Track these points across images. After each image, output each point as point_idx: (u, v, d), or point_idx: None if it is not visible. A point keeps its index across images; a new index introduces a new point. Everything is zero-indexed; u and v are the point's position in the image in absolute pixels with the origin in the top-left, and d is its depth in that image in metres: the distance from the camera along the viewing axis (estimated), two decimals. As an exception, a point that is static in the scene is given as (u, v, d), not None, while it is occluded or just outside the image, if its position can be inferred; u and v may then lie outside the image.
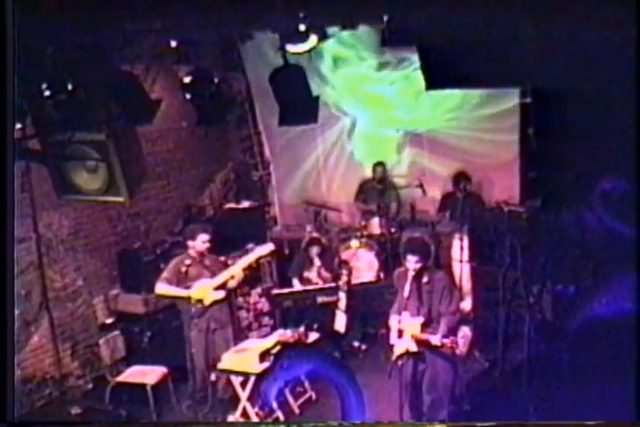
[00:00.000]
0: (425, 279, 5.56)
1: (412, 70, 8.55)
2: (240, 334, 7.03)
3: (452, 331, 5.53)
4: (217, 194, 9.28)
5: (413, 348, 5.46)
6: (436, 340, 5.37)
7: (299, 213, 9.38)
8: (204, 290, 6.20)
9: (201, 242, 6.33)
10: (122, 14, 4.38)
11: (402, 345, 5.49)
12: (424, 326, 5.47)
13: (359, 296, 7.67)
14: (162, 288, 6.31)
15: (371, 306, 7.65)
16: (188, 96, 6.00)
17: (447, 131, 8.69)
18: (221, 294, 6.26)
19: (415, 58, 8.23)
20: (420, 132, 8.90)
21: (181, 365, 6.52)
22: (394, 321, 5.60)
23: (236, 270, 6.28)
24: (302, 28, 4.92)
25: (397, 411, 5.70)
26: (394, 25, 5.13)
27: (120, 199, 6.34)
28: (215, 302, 6.27)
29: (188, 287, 6.22)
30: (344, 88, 9.11)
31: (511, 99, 8.09)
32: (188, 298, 6.17)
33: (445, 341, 5.36)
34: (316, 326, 6.92)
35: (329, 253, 8.03)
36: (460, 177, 8.39)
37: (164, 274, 6.33)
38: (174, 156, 8.54)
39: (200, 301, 6.19)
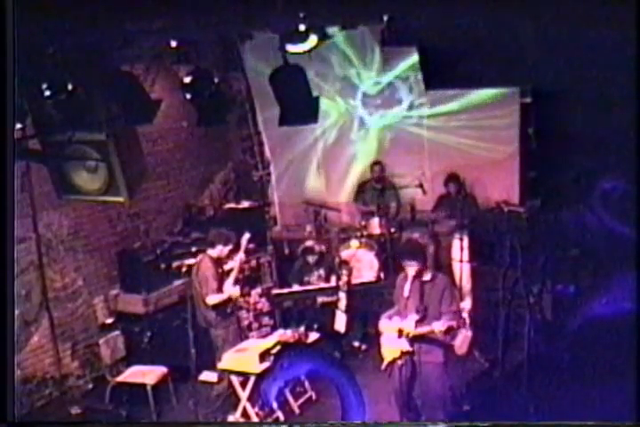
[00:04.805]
0: (425, 279, 5.54)
1: (411, 70, 8.56)
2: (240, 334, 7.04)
3: (454, 323, 5.45)
4: (217, 194, 9.28)
5: (415, 347, 5.45)
6: (439, 326, 5.28)
7: (299, 213, 9.37)
8: (233, 289, 6.63)
9: (227, 249, 6.67)
10: (122, 14, 4.38)
11: (402, 345, 5.48)
12: (424, 325, 5.45)
13: (359, 296, 7.66)
14: (213, 299, 6.54)
15: (371, 306, 7.65)
16: (188, 96, 6.00)
17: (448, 130, 8.69)
18: (237, 288, 6.69)
19: (415, 58, 8.25)
20: (421, 131, 8.90)
21: (181, 365, 6.53)
22: (394, 322, 5.58)
23: (237, 265, 6.72)
24: (302, 28, 4.92)
25: (397, 411, 5.72)
26: (394, 25, 5.14)
27: (120, 199, 6.33)
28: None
29: (219, 288, 6.58)
30: (344, 88, 9.11)
31: (511, 99, 8.09)
32: (230, 298, 6.64)
33: (451, 323, 5.28)
34: (316, 326, 6.93)
35: (327, 259, 8.01)
36: (451, 179, 8.41)
37: (206, 287, 6.53)
38: (174, 156, 8.54)
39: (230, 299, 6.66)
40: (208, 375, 6.87)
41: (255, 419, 6.15)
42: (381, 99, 9.02)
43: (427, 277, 5.54)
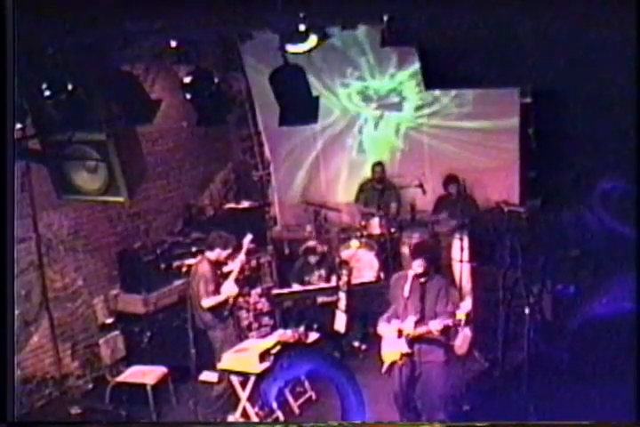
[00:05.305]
0: (423, 281, 5.53)
1: (411, 70, 8.56)
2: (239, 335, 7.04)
3: (450, 322, 5.44)
4: (217, 194, 9.29)
5: (414, 347, 5.45)
6: (436, 325, 5.30)
7: (299, 213, 9.38)
8: (231, 290, 6.61)
9: (226, 252, 6.66)
10: (122, 14, 4.38)
11: (401, 347, 5.48)
12: (422, 326, 5.44)
13: (359, 296, 7.66)
14: (208, 302, 6.54)
15: (371, 306, 7.64)
16: (188, 96, 5.98)
17: (447, 131, 8.69)
18: (236, 289, 6.67)
19: (415, 58, 8.24)
20: (421, 131, 8.90)
21: (181, 365, 6.53)
22: (393, 324, 5.57)
23: (238, 267, 6.69)
24: (302, 28, 4.90)
25: (397, 411, 5.71)
26: (394, 25, 5.13)
27: (120, 199, 6.33)
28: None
29: (215, 290, 6.57)
30: (344, 88, 9.11)
31: (511, 99, 8.08)
32: (227, 300, 6.62)
33: (447, 321, 5.29)
34: (316, 326, 6.93)
35: (328, 260, 8.00)
36: (451, 179, 8.41)
37: (202, 289, 6.53)
38: (174, 156, 8.54)
39: (227, 301, 6.63)
40: (208, 375, 6.87)
41: (255, 419, 6.15)
42: (384, 100, 9.03)
43: (425, 277, 5.53)
